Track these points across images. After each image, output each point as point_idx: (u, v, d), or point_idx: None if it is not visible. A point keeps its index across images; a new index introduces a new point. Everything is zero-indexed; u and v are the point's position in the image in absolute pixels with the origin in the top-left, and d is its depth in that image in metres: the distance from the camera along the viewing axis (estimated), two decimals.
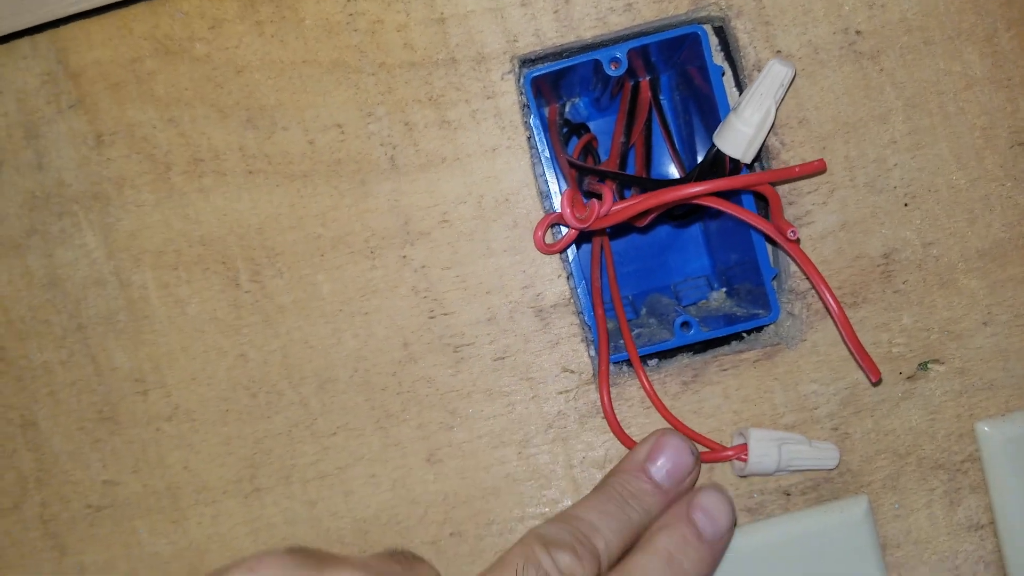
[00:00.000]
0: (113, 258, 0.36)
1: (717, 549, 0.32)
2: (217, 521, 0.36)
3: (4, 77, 0.36)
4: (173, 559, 0.36)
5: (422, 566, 0.29)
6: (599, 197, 0.35)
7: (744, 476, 0.35)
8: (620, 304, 0.38)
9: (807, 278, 0.35)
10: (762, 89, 0.33)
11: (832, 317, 0.34)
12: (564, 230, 0.35)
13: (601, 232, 0.38)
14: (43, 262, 0.36)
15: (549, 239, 0.35)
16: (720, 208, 0.33)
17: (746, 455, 0.34)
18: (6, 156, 0.36)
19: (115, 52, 0.35)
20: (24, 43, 0.36)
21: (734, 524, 0.33)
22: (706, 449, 0.35)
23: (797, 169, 0.33)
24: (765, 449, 0.34)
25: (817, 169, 0.34)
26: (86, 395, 0.36)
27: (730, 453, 0.35)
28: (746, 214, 0.34)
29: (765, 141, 0.34)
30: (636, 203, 0.33)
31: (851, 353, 0.34)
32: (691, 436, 0.35)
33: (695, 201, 0.33)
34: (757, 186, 0.34)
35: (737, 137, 0.34)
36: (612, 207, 0.34)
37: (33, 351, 0.36)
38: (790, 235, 0.33)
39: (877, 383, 0.36)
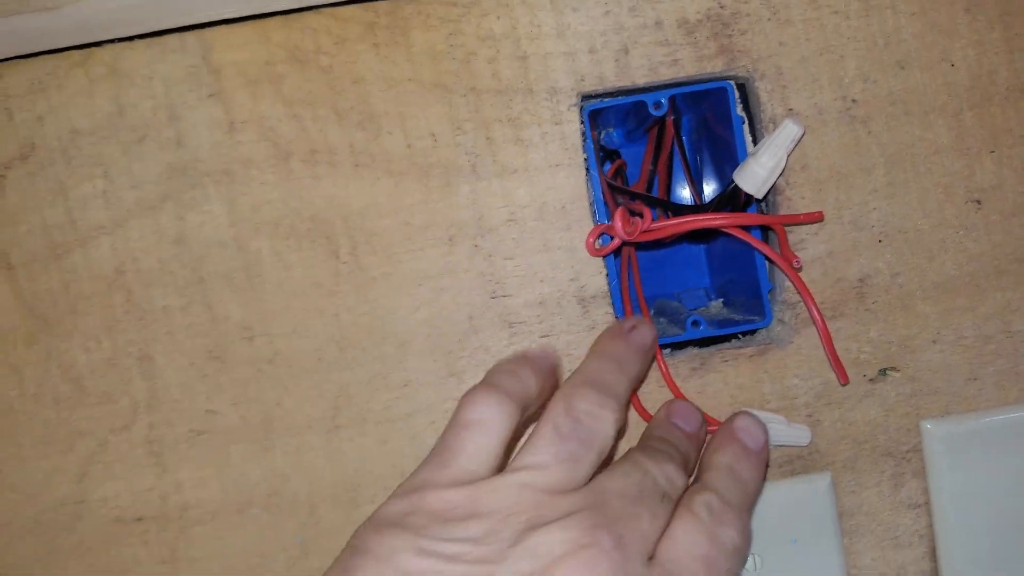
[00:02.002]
0: (235, 225, 0.43)
1: (764, 458, 0.38)
2: (300, 451, 0.43)
3: (154, 66, 0.43)
4: (259, 481, 0.43)
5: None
6: (639, 215, 0.43)
7: None
8: (644, 300, 0.46)
9: (799, 295, 0.43)
10: (777, 141, 0.42)
11: (816, 328, 0.43)
12: (609, 239, 0.43)
13: (632, 244, 0.46)
14: (174, 223, 0.43)
15: (598, 245, 0.43)
16: (741, 236, 0.42)
17: None
18: (150, 132, 0.43)
19: (252, 54, 0.43)
20: (174, 38, 0.43)
21: (768, 437, 0.40)
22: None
23: (802, 217, 0.42)
24: None
25: (816, 219, 0.43)
26: (199, 337, 0.43)
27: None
28: (761, 244, 0.42)
29: (775, 182, 0.43)
30: (675, 224, 0.42)
31: (828, 358, 0.43)
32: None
33: (722, 228, 0.42)
34: (771, 224, 0.42)
35: (754, 176, 0.42)
36: (652, 224, 0.42)
37: (156, 296, 0.43)
38: (795, 264, 0.42)
39: (845, 384, 0.44)
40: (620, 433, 0.37)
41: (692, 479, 0.38)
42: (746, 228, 0.43)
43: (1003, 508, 0.44)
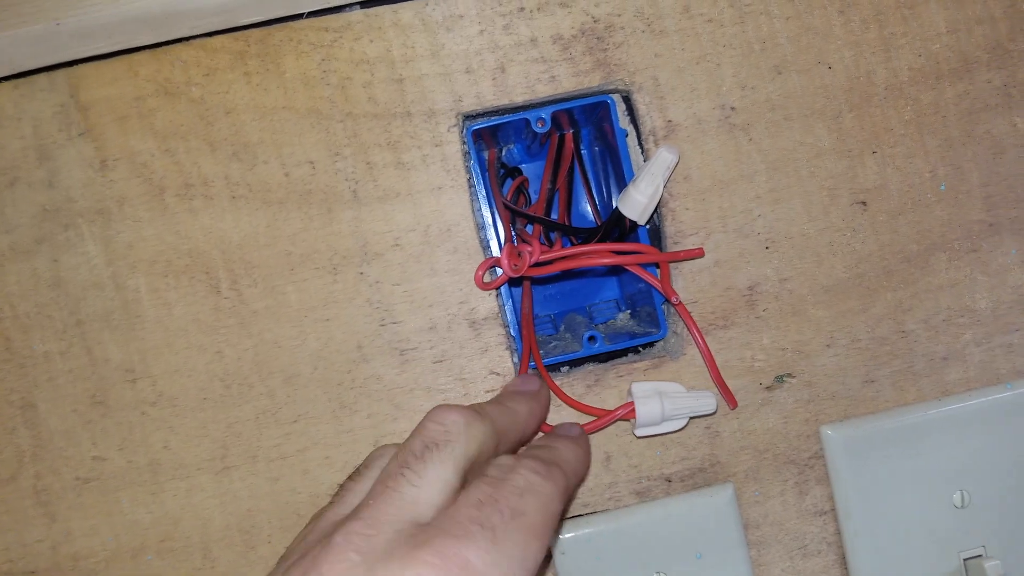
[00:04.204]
0: (111, 265, 0.42)
1: (578, 439, 0.38)
2: (191, 494, 0.42)
3: (23, 106, 0.42)
4: (151, 526, 0.42)
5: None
6: (528, 242, 0.43)
7: (642, 436, 0.42)
8: (533, 333, 0.45)
9: (686, 327, 0.43)
10: (653, 169, 0.41)
11: (702, 355, 0.42)
12: (499, 271, 0.43)
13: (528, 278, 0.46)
14: (49, 266, 0.42)
15: (487, 279, 0.43)
16: (626, 267, 0.42)
17: (634, 412, 0.41)
18: (20, 174, 0.42)
19: (122, 90, 0.42)
20: (42, 78, 0.42)
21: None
22: (594, 418, 0.42)
23: (683, 254, 0.42)
24: (649, 404, 0.41)
25: (697, 255, 0.43)
26: (81, 382, 0.42)
27: (619, 413, 0.42)
28: (646, 276, 0.42)
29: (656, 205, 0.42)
30: (558, 263, 0.41)
31: (715, 385, 0.43)
32: (584, 410, 0.42)
33: (608, 265, 0.42)
34: (654, 260, 0.42)
35: (635, 204, 0.42)
36: (540, 257, 0.42)
37: (36, 342, 0.42)
38: (674, 300, 0.41)
39: (734, 409, 0.44)
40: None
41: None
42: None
43: (907, 509, 0.44)
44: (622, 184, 0.48)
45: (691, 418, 0.43)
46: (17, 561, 0.42)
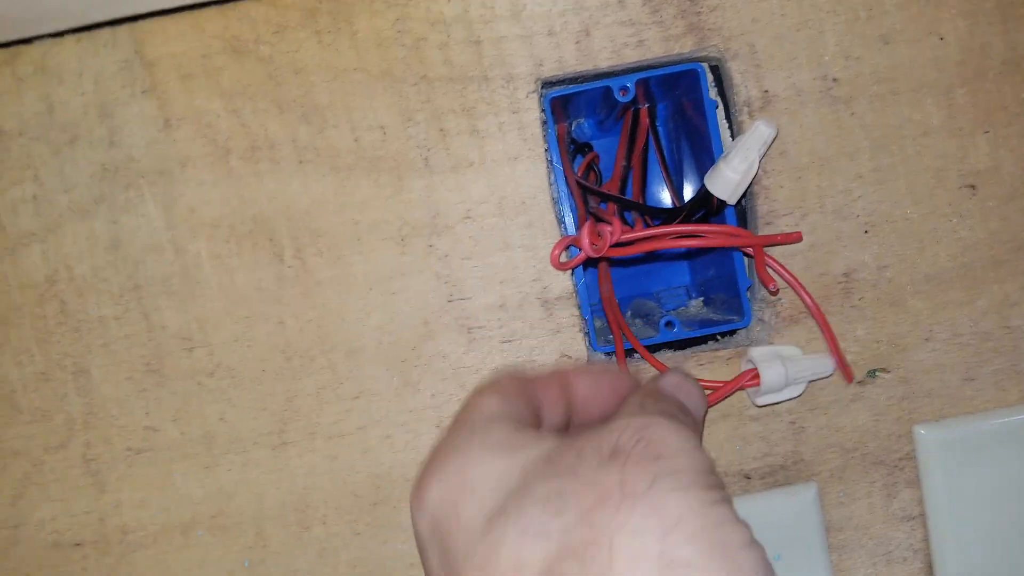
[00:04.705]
0: (172, 228, 0.40)
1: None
2: (245, 469, 0.40)
3: (85, 62, 0.40)
4: (203, 501, 0.41)
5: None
6: (606, 220, 0.40)
7: (763, 404, 0.40)
8: (620, 312, 0.43)
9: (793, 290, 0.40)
10: (748, 144, 0.38)
11: (821, 329, 0.39)
12: (576, 250, 0.40)
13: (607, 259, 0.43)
14: (108, 227, 0.40)
15: (563, 258, 0.40)
16: (715, 246, 0.39)
17: (758, 378, 0.39)
18: (81, 132, 0.40)
19: (188, 47, 0.40)
20: (105, 32, 0.40)
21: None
22: (719, 385, 0.39)
23: (780, 238, 0.39)
24: (773, 369, 0.39)
25: (795, 240, 0.40)
26: (136, 348, 0.40)
27: (743, 380, 0.39)
28: (766, 265, 0.39)
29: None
30: (643, 244, 0.39)
31: (832, 355, 0.40)
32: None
33: (694, 247, 0.39)
34: (749, 244, 0.39)
35: (725, 182, 0.39)
36: (621, 237, 0.39)
37: (91, 306, 0.40)
38: (771, 288, 0.39)
39: (851, 383, 0.41)
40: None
41: None
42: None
43: (1003, 519, 0.41)
44: (703, 162, 0.45)
45: (810, 382, 0.40)
46: (64, 532, 0.41)
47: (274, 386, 0.40)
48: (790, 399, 0.40)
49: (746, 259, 0.42)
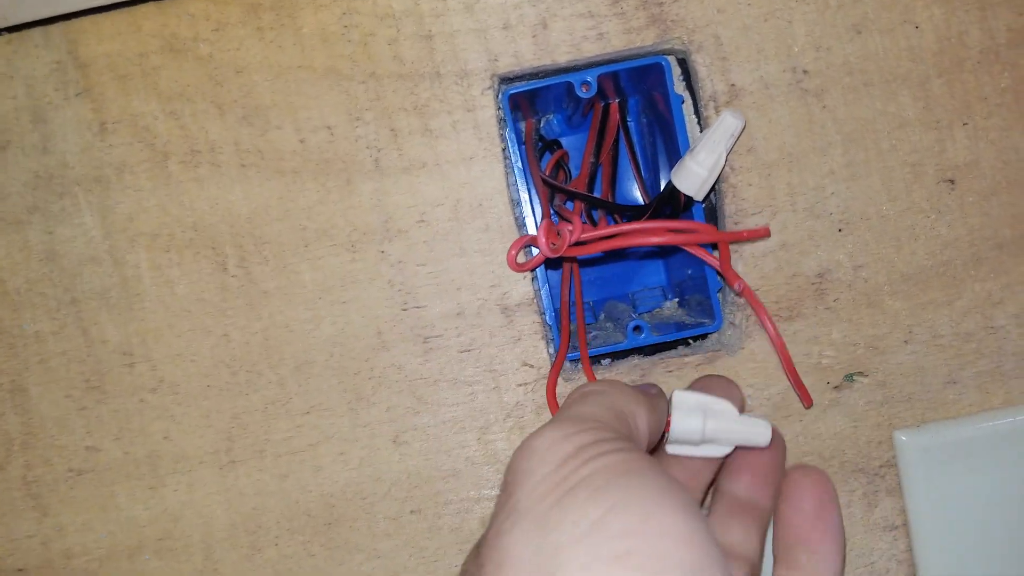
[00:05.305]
0: (109, 238, 0.38)
1: None
2: (192, 489, 0.38)
3: (15, 64, 0.38)
4: (148, 523, 0.39)
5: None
6: (568, 219, 0.38)
7: (673, 454, 0.34)
8: (582, 313, 0.41)
9: (753, 312, 0.38)
10: (715, 137, 0.37)
11: (773, 345, 0.37)
12: (535, 250, 0.38)
13: (561, 260, 0.41)
14: (42, 238, 0.38)
15: (521, 258, 0.38)
16: (681, 246, 0.37)
17: (667, 424, 0.33)
18: (12, 137, 0.38)
19: (123, 46, 0.38)
20: (36, 33, 0.38)
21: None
22: None
23: (745, 234, 0.37)
24: (688, 420, 0.33)
25: (761, 235, 0.38)
26: (75, 365, 0.38)
27: None
28: (706, 256, 0.37)
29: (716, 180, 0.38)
30: (603, 242, 0.37)
31: (789, 380, 0.38)
32: None
33: (658, 246, 0.37)
34: (713, 240, 0.37)
35: (692, 177, 0.37)
36: (582, 235, 0.37)
37: (27, 321, 0.38)
38: (736, 287, 0.37)
39: (809, 408, 0.39)
40: None
41: None
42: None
43: (989, 527, 0.39)
44: (674, 159, 0.43)
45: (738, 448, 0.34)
46: (6, 557, 0.39)
47: (220, 402, 0.38)
48: (710, 456, 0.34)
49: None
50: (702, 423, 0.33)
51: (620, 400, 0.30)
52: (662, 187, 0.47)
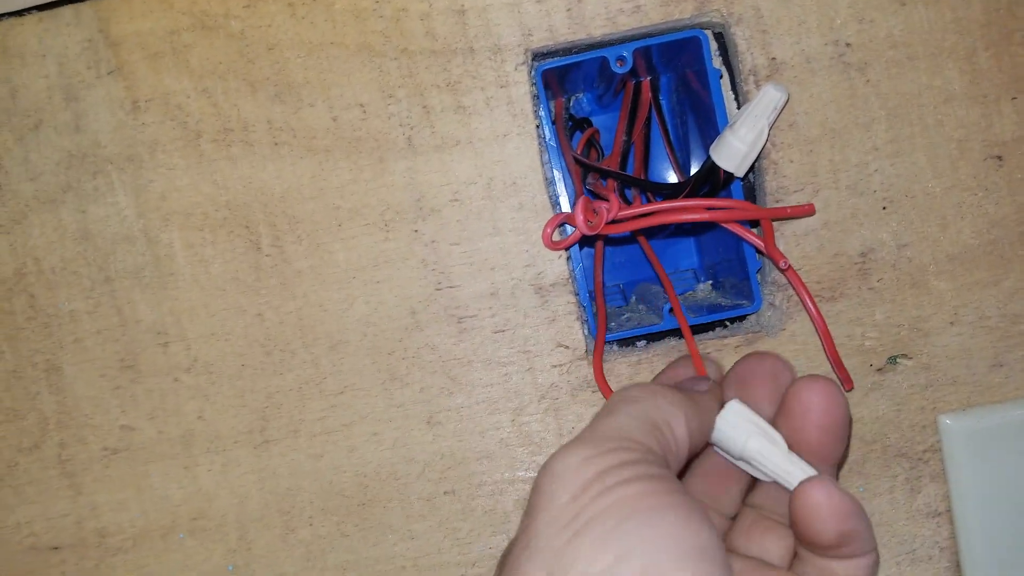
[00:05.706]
0: (143, 217, 0.38)
1: None
2: (226, 469, 0.38)
3: (47, 42, 0.38)
4: (182, 503, 0.39)
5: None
6: (602, 197, 0.38)
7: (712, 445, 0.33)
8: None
9: (794, 293, 0.37)
10: (757, 111, 0.36)
11: (815, 327, 0.37)
12: (570, 230, 0.38)
13: (603, 237, 0.40)
14: (76, 217, 0.38)
15: (556, 237, 0.38)
16: (721, 223, 0.36)
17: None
18: (45, 116, 0.38)
19: (155, 24, 0.38)
20: (67, 11, 0.38)
21: None
22: None
23: (789, 210, 0.36)
24: (731, 432, 0.31)
25: (806, 212, 0.37)
26: (110, 344, 0.38)
27: None
28: (748, 235, 0.36)
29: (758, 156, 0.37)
30: (640, 219, 0.36)
31: (830, 363, 0.37)
32: None
33: (698, 222, 0.36)
34: (755, 217, 0.36)
35: (732, 153, 0.36)
36: (619, 213, 0.36)
37: (62, 300, 0.38)
38: (781, 265, 0.36)
39: (850, 391, 0.38)
40: None
41: None
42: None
43: None
44: (708, 138, 0.42)
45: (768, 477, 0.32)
46: (41, 535, 0.39)
47: (254, 382, 0.38)
48: (741, 470, 0.33)
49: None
50: (744, 440, 0.31)
51: (655, 408, 0.29)
52: (693, 167, 0.46)
